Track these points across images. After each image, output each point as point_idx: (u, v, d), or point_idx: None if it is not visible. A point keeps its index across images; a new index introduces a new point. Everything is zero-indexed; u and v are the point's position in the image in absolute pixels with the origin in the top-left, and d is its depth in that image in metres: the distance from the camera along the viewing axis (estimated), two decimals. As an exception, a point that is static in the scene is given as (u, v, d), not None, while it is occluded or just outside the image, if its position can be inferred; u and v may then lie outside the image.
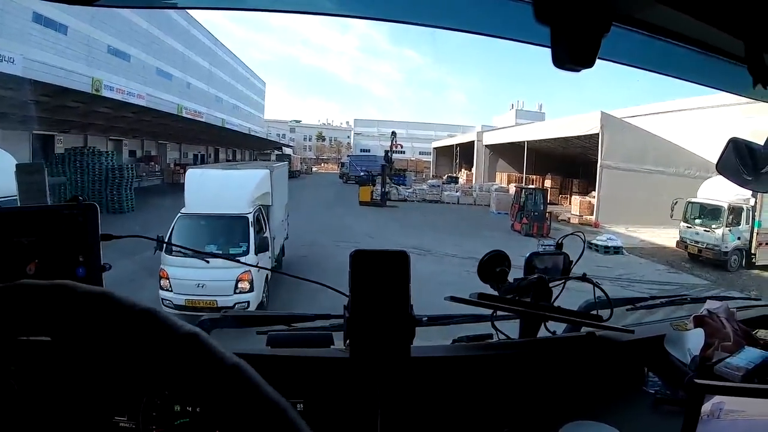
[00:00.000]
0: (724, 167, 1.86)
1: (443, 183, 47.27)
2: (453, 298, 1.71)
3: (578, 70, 1.27)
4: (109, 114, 28.72)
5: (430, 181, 49.58)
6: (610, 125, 29.74)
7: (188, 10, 43.06)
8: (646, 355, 1.77)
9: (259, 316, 1.88)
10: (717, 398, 1.04)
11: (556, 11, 1.19)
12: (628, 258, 20.43)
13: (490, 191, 39.24)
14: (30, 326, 0.51)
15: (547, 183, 42.97)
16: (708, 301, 1.97)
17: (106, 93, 25.66)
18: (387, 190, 37.19)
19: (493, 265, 1.88)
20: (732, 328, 1.77)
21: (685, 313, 2.08)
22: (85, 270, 1.42)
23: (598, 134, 29.39)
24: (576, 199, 35.20)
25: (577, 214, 31.69)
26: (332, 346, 1.66)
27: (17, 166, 1.89)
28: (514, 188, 32.48)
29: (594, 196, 31.73)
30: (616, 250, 20.76)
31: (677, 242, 21.65)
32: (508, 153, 48.58)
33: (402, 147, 62.85)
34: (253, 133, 57.42)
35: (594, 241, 20.32)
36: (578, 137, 33.75)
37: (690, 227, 21.04)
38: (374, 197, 34.21)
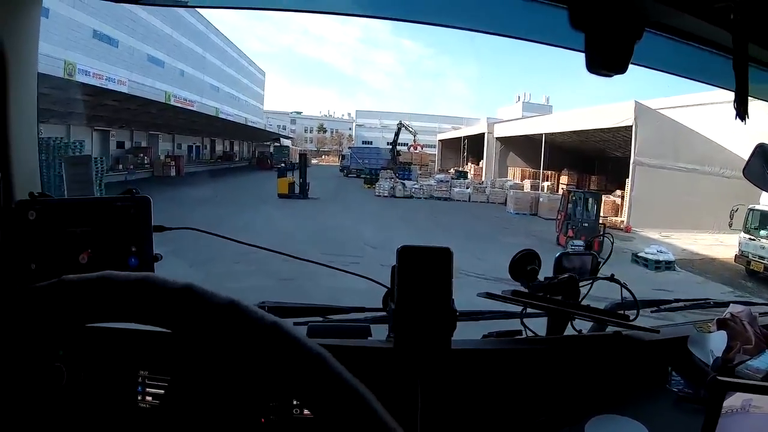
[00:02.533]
0: (750, 173, 1.91)
1: (452, 178, 43.33)
2: (488, 294, 1.80)
3: (611, 76, 1.31)
4: (90, 101, 27.33)
5: (437, 175, 45.95)
6: (645, 117, 26.16)
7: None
8: (670, 355, 1.81)
9: (296, 307, 1.90)
10: (738, 396, 1.07)
11: (590, 17, 1.22)
12: (682, 276, 16.81)
13: (504, 188, 36.77)
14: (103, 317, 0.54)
15: (563, 179, 40.53)
16: (731, 305, 2.00)
17: (80, 78, 23.59)
18: (393, 186, 35.85)
19: (524, 264, 1.93)
20: (754, 332, 1.81)
21: (707, 317, 2.11)
22: (138, 260, 1.46)
23: (629, 126, 26.18)
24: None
25: (601, 214, 26.94)
26: (370, 338, 1.71)
27: (65, 159, 1.92)
28: (562, 191, 26.64)
29: (619, 196, 29.64)
30: (668, 265, 17.21)
31: (736, 256, 17.98)
32: (521, 146, 45.50)
33: (421, 146, 61.50)
34: (250, 124, 55.32)
35: (642, 254, 17.39)
36: (601, 130, 30.59)
37: (753, 239, 17.23)
38: (291, 190, 30.52)
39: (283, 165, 36.41)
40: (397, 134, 52.62)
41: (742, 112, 1.34)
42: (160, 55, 46.56)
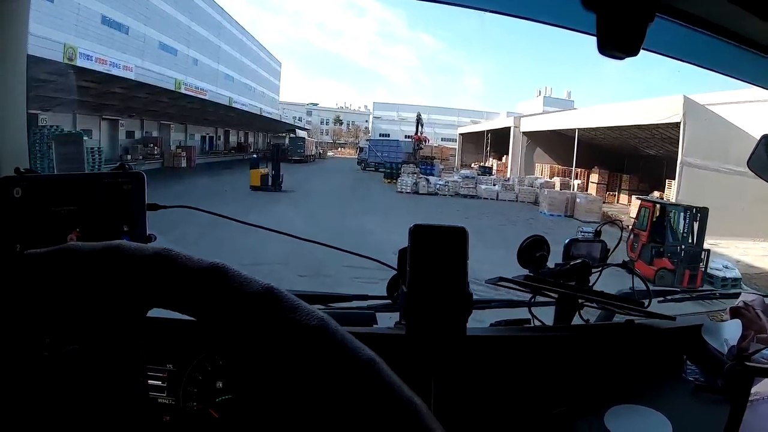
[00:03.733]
0: (755, 164, 1.90)
1: (478, 174, 41.34)
2: (500, 279, 1.74)
3: (622, 58, 1.28)
4: (96, 89, 26.38)
5: (462, 171, 43.84)
6: (694, 113, 23.57)
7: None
8: (685, 344, 1.79)
9: (298, 295, 1.87)
10: (763, 384, 1.07)
11: None
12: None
13: (534, 186, 34.62)
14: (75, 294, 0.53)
15: (594, 178, 38.33)
16: (743, 294, 1.97)
17: (82, 63, 22.25)
18: (416, 182, 33.53)
19: (532, 250, 1.90)
20: (767, 321, 1.78)
21: (715, 307, 2.11)
22: (130, 240, 1.34)
23: (675, 124, 23.76)
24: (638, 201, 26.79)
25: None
26: (375, 325, 1.69)
27: (55, 137, 1.89)
28: (640, 203, 18.22)
29: (657, 197, 25.63)
30: (735, 283, 14.29)
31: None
32: (548, 142, 43.15)
33: (426, 139, 58.49)
34: (265, 114, 55.27)
35: (709, 270, 14.54)
36: (639, 126, 28.28)
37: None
38: (264, 182, 27.94)
39: (255, 156, 34.91)
40: (417, 126, 51.62)
41: None
42: (173, 43, 45.47)
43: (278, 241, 9.14)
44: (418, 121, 50.48)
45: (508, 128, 47.09)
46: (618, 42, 1.22)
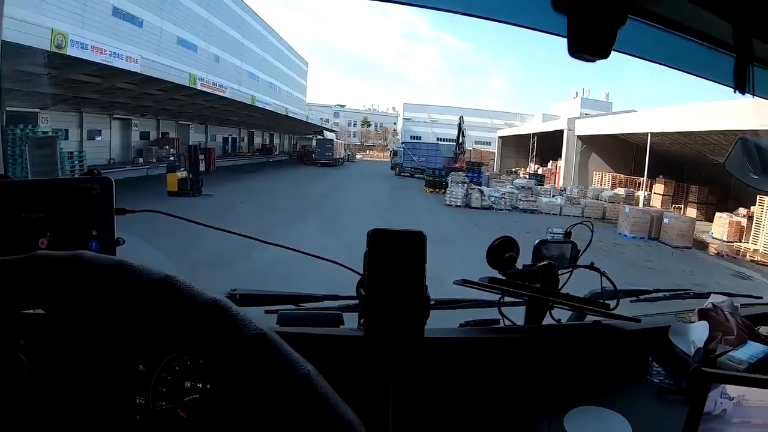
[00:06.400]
0: (731, 165, 1.96)
1: (536, 184, 35.25)
2: (465, 281, 1.75)
3: (593, 61, 1.30)
4: (101, 84, 24.06)
5: (517, 180, 36.91)
6: None
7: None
8: (651, 345, 1.80)
9: (267, 295, 1.90)
10: (721, 387, 1.07)
11: (573, 1, 1.22)
12: None
13: (601, 198, 30.23)
14: (41, 298, 0.53)
15: (658, 188, 32.92)
16: (712, 295, 1.98)
17: (74, 51, 19.14)
18: (468, 193, 28.07)
19: (502, 251, 1.92)
20: (735, 323, 1.79)
21: (688, 307, 2.10)
22: (99, 244, 1.43)
23: None
24: (722, 217, 23.67)
25: (722, 238, 22.25)
26: (342, 326, 1.72)
27: (29, 138, 1.87)
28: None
29: (744, 215, 23.43)
30: None
31: None
32: (605, 147, 38.40)
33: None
34: (290, 114, 52.21)
35: None
36: (722, 132, 22.18)
37: None
38: (180, 187, 23.09)
39: (171, 159, 28.70)
40: (459, 130, 48.51)
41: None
42: (193, 38, 42.88)
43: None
44: (460, 126, 48.23)
45: (559, 131, 42.23)
46: (588, 45, 1.24)
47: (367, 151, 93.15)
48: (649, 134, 27.68)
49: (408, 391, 1.40)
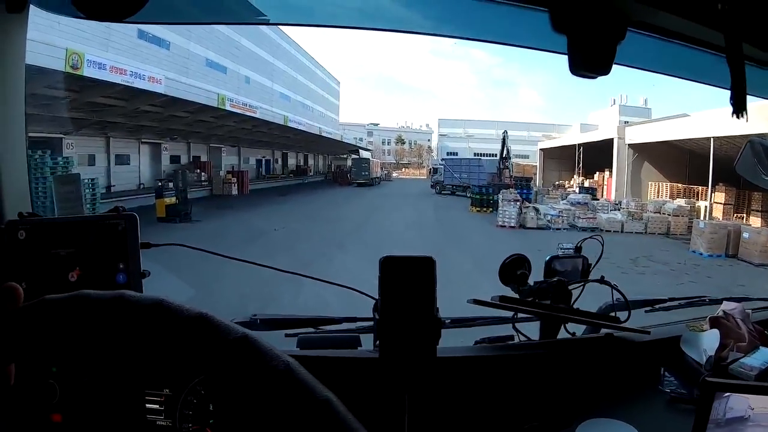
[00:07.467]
0: (742, 168, 1.98)
1: (591, 199, 32.08)
2: (476, 301, 1.79)
3: (594, 77, 1.34)
4: (125, 107, 23.43)
5: (572, 196, 33.52)
6: None
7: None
8: (663, 356, 1.81)
9: (288, 319, 1.96)
10: (730, 396, 1.07)
11: (572, 20, 1.26)
12: None
13: (663, 211, 26.33)
14: (87, 336, 0.57)
15: (718, 197, 28.88)
16: (724, 302, 1.98)
17: (91, 72, 18.29)
18: (522, 212, 24.93)
19: (514, 268, 1.96)
20: (747, 329, 1.79)
21: (701, 315, 2.08)
22: (126, 277, 1.49)
23: None
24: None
25: None
26: (359, 348, 1.77)
27: (54, 177, 1.93)
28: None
29: None
30: None
31: None
32: (657, 155, 35.15)
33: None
34: (324, 134, 51.86)
35: None
36: None
37: None
38: (169, 213, 21.63)
39: (159, 183, 24.77)
40: (503, 145, 46.99)
41: (739, 110, 1.36)
42: (222, 60, 42.24)
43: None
44: (504, 140, 46.18)
45: (608, 140, 38.87)
46: (589, 62, 1.29)
47: (403, 169, 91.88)
48: (712, 139, 25.33)
49: (422, 410, 1.44)
